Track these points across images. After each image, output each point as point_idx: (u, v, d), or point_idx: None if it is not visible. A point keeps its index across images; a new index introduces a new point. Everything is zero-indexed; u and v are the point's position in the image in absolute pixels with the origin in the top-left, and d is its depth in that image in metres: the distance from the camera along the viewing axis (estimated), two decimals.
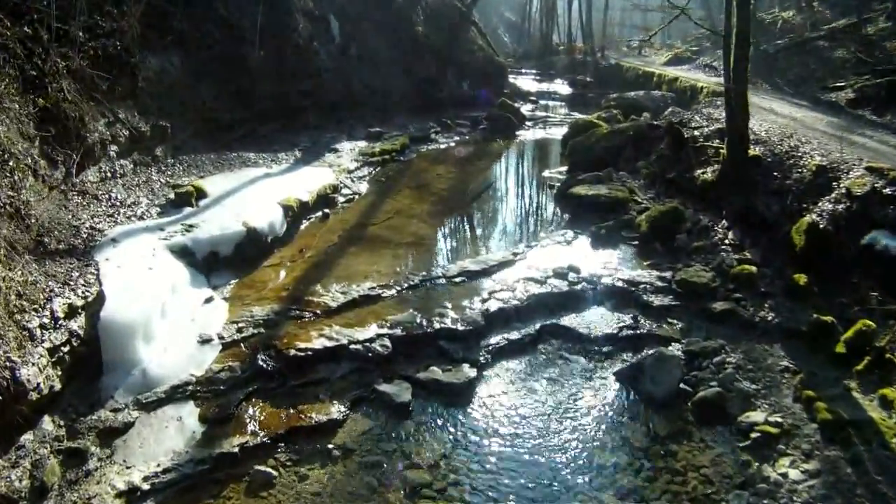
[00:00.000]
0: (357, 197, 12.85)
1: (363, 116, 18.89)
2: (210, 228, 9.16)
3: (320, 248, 9.95)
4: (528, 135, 21.85)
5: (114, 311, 6.71)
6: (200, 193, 10.37)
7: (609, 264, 9.88)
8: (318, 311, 7.91)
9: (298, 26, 16.71)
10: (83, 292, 6.52)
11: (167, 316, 7.44)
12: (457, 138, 20.14)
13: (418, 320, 7.74)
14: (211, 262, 8.91)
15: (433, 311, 7.97)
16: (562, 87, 35.39)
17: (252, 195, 10.64)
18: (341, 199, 12.47)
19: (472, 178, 15.31)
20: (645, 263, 9.97)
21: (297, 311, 7.91)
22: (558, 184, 14.46)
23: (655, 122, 17.17)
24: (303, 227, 11.01)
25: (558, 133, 21.36)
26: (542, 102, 30.36)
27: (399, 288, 8.57)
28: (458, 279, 8.97)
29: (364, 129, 18.14)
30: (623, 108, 22.15)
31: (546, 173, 15.91)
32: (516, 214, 12.53)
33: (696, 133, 14.10)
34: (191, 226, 9.13)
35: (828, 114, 15.80)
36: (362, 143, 16.89)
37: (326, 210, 11.64)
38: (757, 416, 6.48)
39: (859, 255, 8.22)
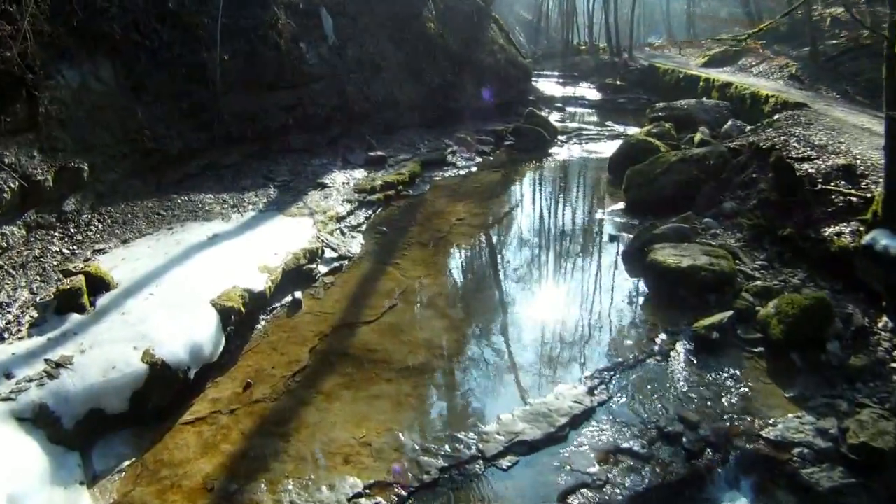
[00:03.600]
0: (346, 264, 9.06)
1: (362, 135, 15.09)
2: (91, 366, 5.47)
3: (277, 381, 6.20)
4: (562, 153, 18.04)
5: None
6: (99, 285, 6.68)
7: (736, 403, 6.26)
8: None
9: (278, 22, 12.95)
10: None
11: None
12: (478, 160, 16.34)
13: None
14: (91, 429, 5.26)
15: None
16: (589, 91, 31.67)
17: (180, 282, 6.92)
18: (323, 268, 8.72)
19: (503, 225, 11.56)
20: (787, 396, 6.34)
21: None
22: (623, 233, 10.80)
23: (734, 145, 13.44)
24: (259, 327, 7.26)
25: (598, 150, 17.77)
26: (570, 110, 26.66)
27: (402, 494, 4.78)
28: (505, 462, 5.20)
29: (363, 153, 14.39)
30: (674, 120, 18.62)
31: (600, 214, 12.14)
32: (575, 298, 8.61)
33: (810, 169, 10.35)
34: (59, 364, 5.42)
35: None
36: (360, 173, 13.14)
37: (298, 294, 7.87)
38: None
39: None
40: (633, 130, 21.04)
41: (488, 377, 6.47)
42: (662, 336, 7.38)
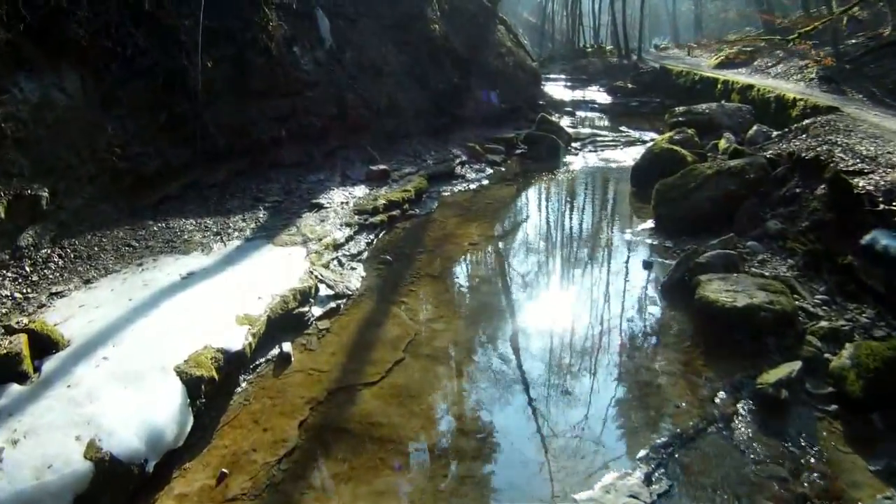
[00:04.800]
0: (344, 304, 7.81)
1: (363, 146, 13.89)
2: (23, 465, 4.28)
3: (258, 470, 4.96)
4: (578, 162, 16.81)
5: None
6: (46, 344, 5.49)
7: (816, 482, 5.05)
8: None
9: (269, 24, 11.74)
10: None
11: None
12: (489, 171, 15.14)
13: None
14: None
15: None
16: (598, 94, 30.50)
17: (142, 341, 5.70)
18: (317, 310, 7.47)
19: (521, 250, 10.33)
20: (871, 469, 5.15)
21: None
22: (657, 258, 9.59)
23: (769, 155, 12.25)
24: (239, 390, 6.02)
25: (615, 158, 16.61)
26: (581, 114, 25.47)
27: None
28: None
29: (363, 166, 13.18)
30: (695, 125, 17.46)
31: (628, 235, 10.89)
32: (615, 346, 7.24)
33: (868, 186, 9.13)
34: None
35: None
36: (360, 191, 11.92)
37: (287, 346, 6.62)
38: None
39: None
40: (649, 136, 19.93)
41: (520, 462, 5.21)
42: (721, 394, 6.17)
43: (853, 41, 24.06)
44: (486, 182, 14.10)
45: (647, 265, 9.30)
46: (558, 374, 6.59)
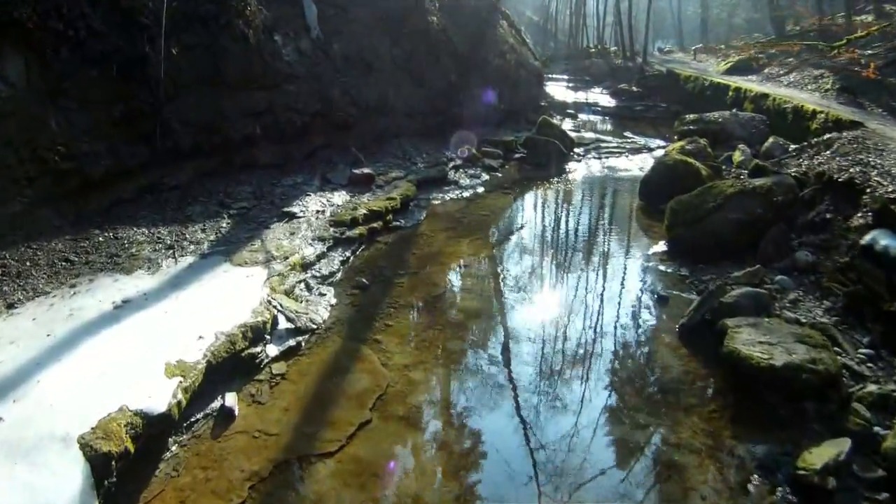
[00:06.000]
0: (307, 340, 6.62)
1: (347, 147, 12.68)
2: None
3: None
4: (581, 170, 15.68)
5: None
6: None
7: None
8: None
9: (246, 9, 10.53)
10: None
11: None
12: (485, 177, 13.99)
13: None
14: None
15: None
16: (602, 96, 29.39)
17: (47, 397, 4.53)
18: (273, 349, 6.28)
19: (519, 275, 9.14)
20: None
21: None
22: (673, 290, 8.47)
23: (793, 173, 11.17)
24: (167, 457, 4.85)
25: (620, 166, 15.58)
26: (583, 117, 24.35)
27: None
28: None
29: (346, 168, 12.00)
30: (707, 134, 16.40)
31: (639, 259, 9.77)
32: (622, 406, 6.06)
33: None
34: None
35: None
36: (340, 197, 10.74)
37: (230, 399, 5.44)
38: None
39: None
40: (655, 143, 18.88)
41: None
42: (755, 479, 5.06)
43: (869, 52, 23.01)
44: (480, 189, 12.94)
45: (663, 300, 8.16)
46: (562, 445, 5.43)
